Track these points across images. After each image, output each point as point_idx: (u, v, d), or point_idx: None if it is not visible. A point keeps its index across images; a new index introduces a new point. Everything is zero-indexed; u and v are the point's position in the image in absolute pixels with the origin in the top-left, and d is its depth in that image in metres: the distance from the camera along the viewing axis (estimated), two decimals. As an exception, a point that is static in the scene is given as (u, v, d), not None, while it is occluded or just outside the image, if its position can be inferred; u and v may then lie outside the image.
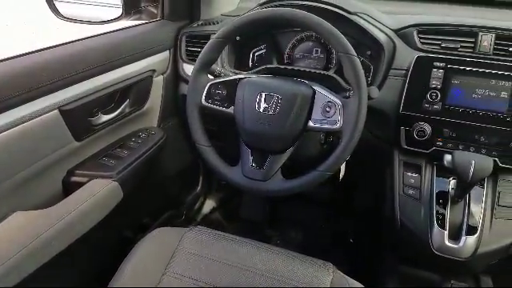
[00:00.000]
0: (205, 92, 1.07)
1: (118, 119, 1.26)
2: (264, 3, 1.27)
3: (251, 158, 1.05)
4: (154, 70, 1.35)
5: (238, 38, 1.33)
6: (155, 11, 1.48)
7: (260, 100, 1.01)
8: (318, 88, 1.01)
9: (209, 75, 1.11)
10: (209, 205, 1.97)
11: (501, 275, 1.19)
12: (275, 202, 1.96)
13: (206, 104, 1.07)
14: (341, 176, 1.22)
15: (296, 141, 1.02)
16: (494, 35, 1.09)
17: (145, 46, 1.31)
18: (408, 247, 1.14)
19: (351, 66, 0.95)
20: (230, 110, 1.06)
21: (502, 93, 1.05)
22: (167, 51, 1.42)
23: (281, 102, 0.99)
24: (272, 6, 1.26)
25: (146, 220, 1.61)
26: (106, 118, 1.21)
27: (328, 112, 0.98)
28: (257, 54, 1.40)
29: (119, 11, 1.41)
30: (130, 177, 1.20)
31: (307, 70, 1.23)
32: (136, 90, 1.29)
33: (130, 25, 1.38)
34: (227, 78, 1.07)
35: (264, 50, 1.40)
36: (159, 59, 1.38)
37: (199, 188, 1.92)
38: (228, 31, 1.04)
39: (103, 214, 1.12)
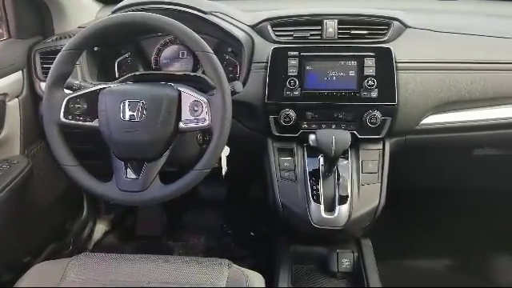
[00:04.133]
0: (63, 108, 1.00)
1: (-31, 153, 1.12)
2: (117, 10, 1.24)
3: (125, 169, 1.02)
4: (5, 94, 1.22)
5: (96, 48, 1.28)
6: (0, 30, 1.35)
7: (124, 108, 0.98)
8: (183, 89, 1.01)
9: (66, 90, 1.04)
10: (100, 229, 1.86)
11: (377, 235, 1.32)
12: (172, 212, 1.92)
13: (66, 121, 1.01)
14: (223, 172, 1.23)
15: (170, 144, 1.02)
16: (336, 21, 1.20)
17: (-10, 68, 1.18)
18: (292, 226, 1.21)
19: (209, 64, 0.97)
20: (95, 123, 1.02)
21: (350, 72, 1.16)
22: (20, 72, 1.30)
23: (146, 107, 0.98)
24: (128, 12, 1.23)
25: (28, 258, 1.45)
26: (-48, 154, 1.07)
27: (196, 111, 0.99)
28: (121, 62, 1.36)
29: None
30: (-6, 215, 1.08)
31: (174, 72, 1.23)
32: (-15, 118, 1.16)
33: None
34: (86, 91, 1.02)
35: (129, 58, 1.36)
36: (11, 81, 1.26)
37: (85, 213, 1.79)
38: (77, 41, 0.99)
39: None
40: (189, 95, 1.00)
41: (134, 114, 0.98)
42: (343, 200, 1.12)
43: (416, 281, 1.64)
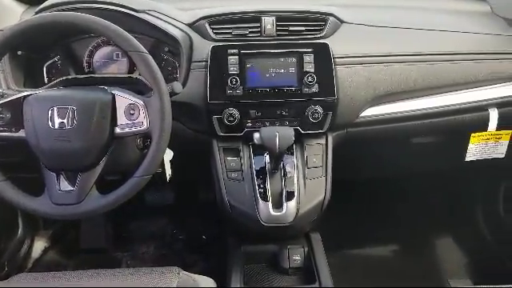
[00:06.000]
0: None
1: None
2: (42, 10, 1.15)
3: (57, 181, 0.96)
4: None
5: (19, 52, 1.18)
6: None
7: (53, 116, 0.92)
8: (117, 92, 0.97)
9: None
10: (39, 246, 1.73)
11: (325, 228, 1.34)
12: (117, 222, 1.84)
13: None
14: (168, 177, 1.19)
15: (106, 151, 0.97)
16: (275, 18, 1.20)
17: None
18: (242, 227, 1.20)
19: (143, 64, 0.94)
20: (21, 133, 0.95)
21: (290, 68, 1.17)
22: None
23: (77, 113, 0.92)
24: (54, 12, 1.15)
25: (-45, 287, 1.32)
26: None
27: (132, 115, 0.96)
28: (50, 67, 1.27)
29: None
30: None
31: (108, 75, 1.17)
32: None
33: None
34: (8, 99, 0.95)
35: (59, 62, 1.28)
36: None
37: (20, 230, 1.66)
38: None
39: None
40: (123, 98, 0.96)
41: (64, 121, 0.92)
42: (290, 196, 1.13)
43: (365, 268, 1.70)
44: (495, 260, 1.71)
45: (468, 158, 1.40)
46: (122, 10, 1.15)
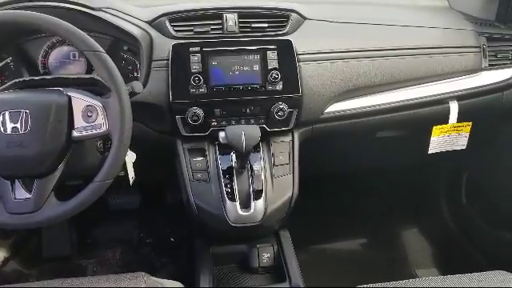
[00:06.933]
0: None
1: None
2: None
3: (12, 189, 0.91)
4: None
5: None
6: None
7: (4, 120, 0.87)
8: (73, 93, 0.93)
9: None
10: (-3, 256, 1.65)
11: (294, 225, 1.34)
12: (81, 228, 1.78)
13: None
14: (131, 179, 1.15)
15: (64, 156, 0.93)
16: (237, 14, 1.19)
17: None
18: (210, 228, 1.18)
19: (100, 63, 0.90)
20: None
21: (254, 66, 1.15)
22: None
23: (30, 117, 0.88)
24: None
25: None
26: None
27: (90, 117, 0.92)
28: (2, 69, 1.21)
29: None
30: None
31: (64, 76, 1.12)
32: None
33: None
34: None
35: (11, 64, 1.21)
36: None
37: None
38: None
39: None
40: (80, 100, 0.92)
41: (17, 125, 0.87)
42: (258, 195, 1.12)
43: (334, 262, 1.72)
44: (460, 249, 1.77)
45: (431, 151, 1.44)
46: (77, 7, 1.10)
